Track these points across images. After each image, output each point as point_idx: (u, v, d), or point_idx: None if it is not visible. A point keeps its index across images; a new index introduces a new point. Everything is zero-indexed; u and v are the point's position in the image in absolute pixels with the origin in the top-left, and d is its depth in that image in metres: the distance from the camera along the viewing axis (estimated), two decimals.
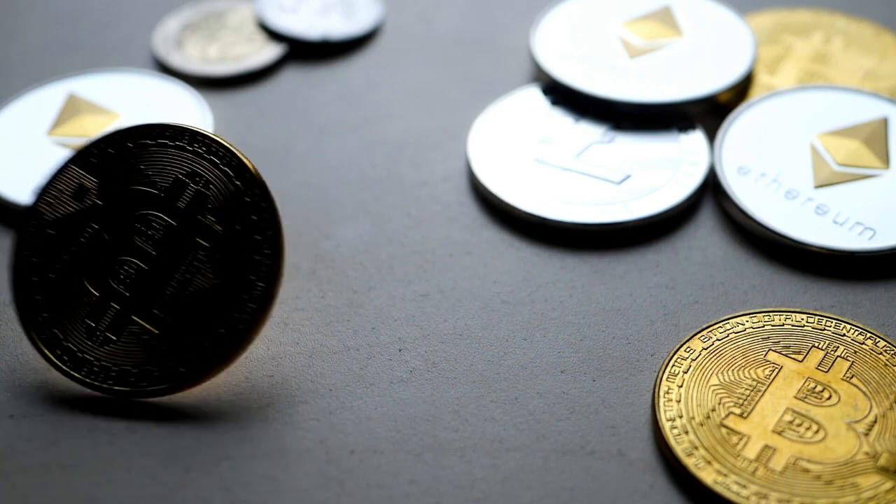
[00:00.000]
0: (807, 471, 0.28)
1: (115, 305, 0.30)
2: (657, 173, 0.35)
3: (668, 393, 0.29)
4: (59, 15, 0.42)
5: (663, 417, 0.29)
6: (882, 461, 0.28)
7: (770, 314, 0.31)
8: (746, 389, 0.29)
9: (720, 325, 0.31)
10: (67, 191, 0.30)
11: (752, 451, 0.28)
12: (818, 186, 0.34)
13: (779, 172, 0.34)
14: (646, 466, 0.29)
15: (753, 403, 0.29)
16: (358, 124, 0.37)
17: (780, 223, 0.33)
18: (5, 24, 0.41)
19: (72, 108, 0.37)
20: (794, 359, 0.30)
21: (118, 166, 0.30)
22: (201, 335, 0.29)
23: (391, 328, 0.32)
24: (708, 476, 0.28)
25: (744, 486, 0.28)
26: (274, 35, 0.40)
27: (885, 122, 0.35)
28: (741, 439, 0.28)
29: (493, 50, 0.40)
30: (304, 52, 0.39)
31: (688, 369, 0.30)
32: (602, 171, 0.35)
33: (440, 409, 0.30)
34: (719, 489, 0.28)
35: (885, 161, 0.35)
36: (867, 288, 0.32)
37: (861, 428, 0.29)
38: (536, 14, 0.40)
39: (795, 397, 0.29)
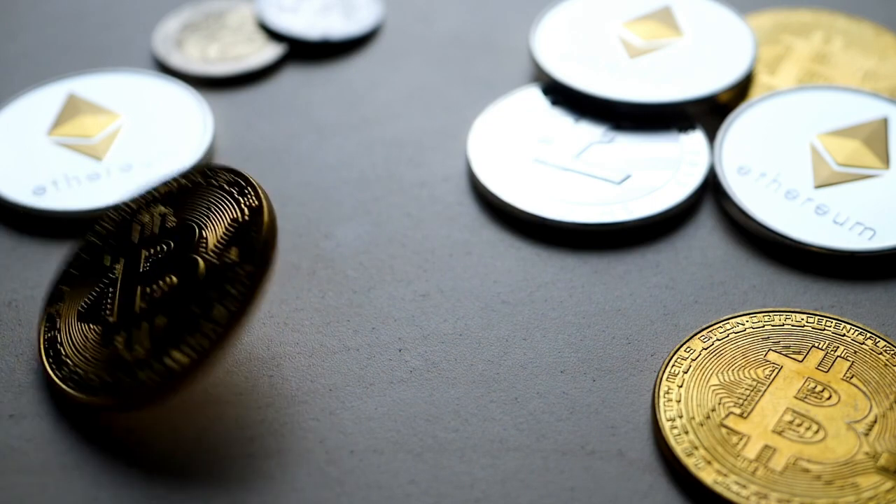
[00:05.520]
0: (807, 471, 0.28)
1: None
2: (657, 173, 0.35)
3: (668, 393, 0.29)
4: (59, 15, 0.42)
5: (663, 417, 0.29)
6: (882, 461, 0.28)
7: (770, 314, 0.31)
8: (746, 389, 0.29)
9: (720, 325, 0.31)
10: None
11: (752, 451, 0.28)
12: (818, 186, 0.34)
13: (779, 172, 0.34)
14: (646, 466, 0.29)
15: (753, 403, 0.29)
16: (358, 124, 0.37)
17: (780, 223, 0.33)
18: (5, 24, 0.41)
19: (72, 108, 0.37)
20: (794, 359, 0.30)
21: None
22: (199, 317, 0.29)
23: (391, 328, 0.32)
24: (708, 476, 0.28)
25: (744, 486, 0.28)
26: (274, 35, 0.40)
27: (885, 122, 0.35)
28: (741, 439, 0.28)
29: (493, 50, 0.40)
30: (304, 52, 0.39)
31: (688, 369, 0.30)
32: (602, 171, 0.35)
33: (440, 409, 0.30)
34: (719, 489, 0.28)
35: (885, 161, 0.35)
36: (867, 288, 0.32)
37: (861, 428, 0.29)
38: (536, 14, 0.40)
39: (795, 397, 0.29)
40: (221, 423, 0.29)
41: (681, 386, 0.29)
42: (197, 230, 0.30)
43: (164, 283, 0.29)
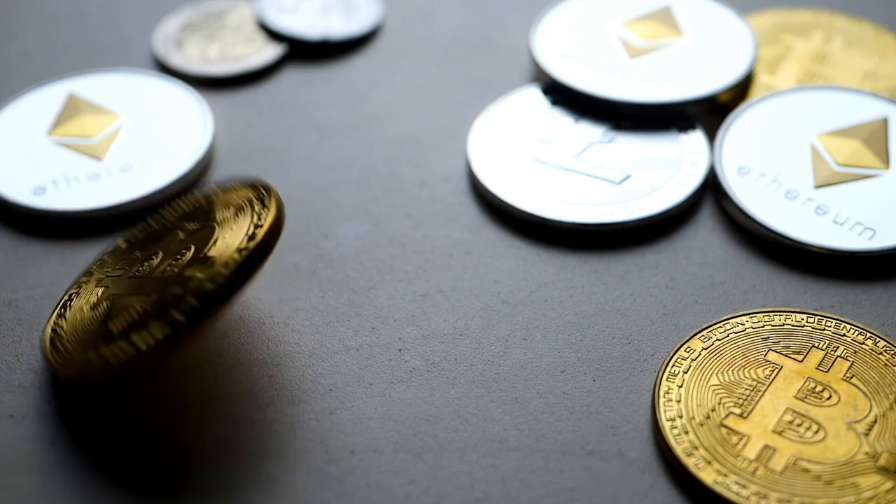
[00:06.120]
0: (807, 471, 0.28)
1: None
2: (657, 173, 0.35)
3: (668, 393, 0.29)
4: (59, 15, 0.42)
5: (663, 417, 0.29)
6: (882, 461, 0.28)
7: (770, 314, 0.31)
8: (746, 389, 0.29)
9: (720, 325, 0.31)
10: None
11: (752, 451, 0.28)
12: (818, 186, 0.34)
13: (779, 172, 0.34)
14: (646, 466, 0.29)
15: (753, 403, 0.29)
16: (358, 124, 0.37)
17: (780, 223, 0.33)
18: (5, 24, 0.41)
19: (72, 108, 0.37)
20: (794, 359, 0.30)
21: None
22: None
23: (391, 328, 0.32)
24: (708, 476, 0.28)
25: (744, 486, 0.28)
26: (274, 35, 0.40)
27: (885, 122, 0.35)
28: (741, 439, 0.28)
29: (493, 50, 0.40)
30: (304, 52, 0.39)
31: (688, 369, 0.30)
32: (602, 171, 0.35)
33: (440, 409, 0.30)
34: (719, 489, 0.28)
35: (885, 161, 0.35)
36: (867, 288, 0.32)
37: (861, 428, 0.29)
38: (536, 14, 0.40)
39: (795, 397, 0.29)
40: (222, 423, 0.29)
41: (681, 386, 0.29)
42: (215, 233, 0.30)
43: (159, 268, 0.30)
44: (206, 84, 0.38)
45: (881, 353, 0.30)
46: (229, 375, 0.30)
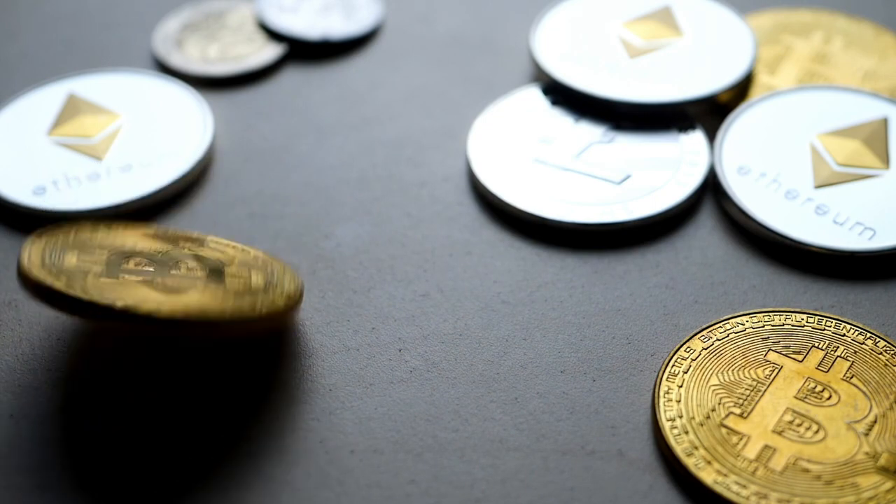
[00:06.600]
0: (807, 471, 0.28)
1: None
2: (657, 173, 0.35)
3: (668, 393, 0.29)
4: (59, 15, 0.42)
5: (663, 417, 0.29)
6: (882, 461, 0.28)
7: (770, 314, 0.31)
8: (746, 389, 0.29)
9: (720, 325, 0.31)
10: None
11: (752, 451, 0.28)
12: (818, 186, 0.34)
13: (779, 172, 0.34)
14: (646, 466, 0.29)
15: (753, 403, 0.29)
16: (358, 124, 0.37)
17: (780, 223, 0.33)
18: (5, 24, 0.41)
19: (72, 108, 0.37)
20: (794, 359, 0.30)
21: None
22: None
23: (391, 328, 0.32)
24: (708, 476, 0.28)
25: (744, 486, 0.28)
26: (274, 35, 0.40)
27: (885, 122, 0.35)
28: (741, 439, 0.28)
29: (493, 50, 0.40)
30: (304, 52, 0.39)
31: (688, 369, 0.30)
32: (602, 171, 0.35)
33: (440, 409, 0.30)
34: (719, 489, 0.28)
35: (885, 161, 0.35)
36: (867, 288, 0.32)
37: (861, 428, 0.29)
38: (536, 14, 0.40)
39: (795, 397, 0.29)
40: (221, 423, 0.29)
41: (681, 386, 0.29)
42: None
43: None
44: (206, 84, 0.38)
45: (881, 353, 0.30)
46: (229, 375, 0.30)
